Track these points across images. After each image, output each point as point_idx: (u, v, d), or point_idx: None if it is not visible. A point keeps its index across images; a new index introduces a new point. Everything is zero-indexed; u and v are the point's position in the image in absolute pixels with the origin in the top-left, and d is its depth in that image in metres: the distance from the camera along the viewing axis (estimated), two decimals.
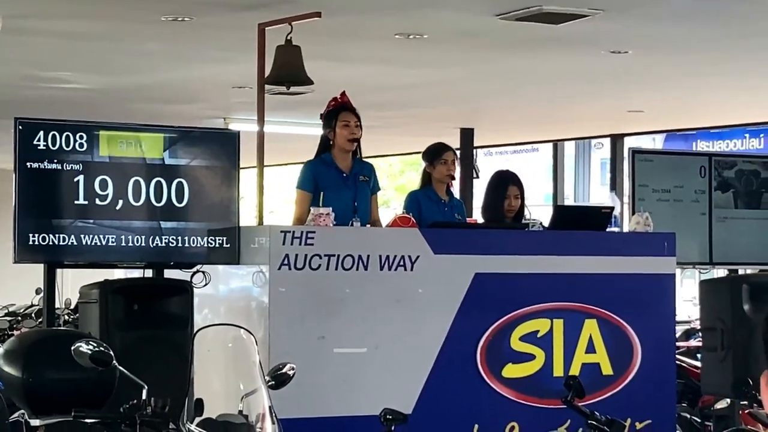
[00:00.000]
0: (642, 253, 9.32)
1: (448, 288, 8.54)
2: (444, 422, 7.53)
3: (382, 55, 13.19)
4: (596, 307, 8.94)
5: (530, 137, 23.62)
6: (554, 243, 9.30)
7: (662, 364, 9.18)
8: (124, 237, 8.29)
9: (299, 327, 8.07)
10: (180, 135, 8.76)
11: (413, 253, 8.47)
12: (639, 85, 15.53)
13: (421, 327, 8.43)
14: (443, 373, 8.39)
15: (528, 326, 8.73)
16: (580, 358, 8.81)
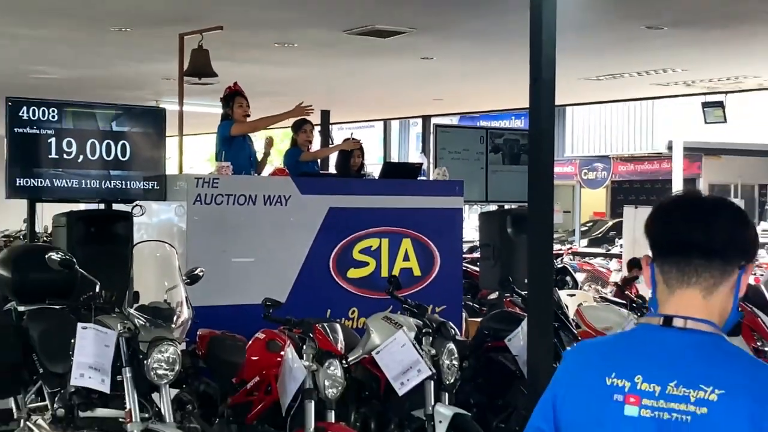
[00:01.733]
0: (441, 194, 9.39)
1: (310, 217, 8.55)
2: (306, 308, 7.50)
3: (265, 58, 13.13)
4: (410, 230, 9.00)
5: (368, 116, 23.79)
6: (382, 187, 9.38)
7: (453, 269, 9.30)
8: (84, 181, 8.23)
9: (207, 244, 8.04)
10: (124, 111, 8.74)
11: (286, 193, 8.45)
12: (440, 81, 15.61)
13: (292, 244, 8.45)
14: (307, 275, 8.43)
15: (364, 243, 8.77)
16: (399, 265, 8.88)
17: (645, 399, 2.25)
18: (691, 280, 2.32)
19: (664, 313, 2.34)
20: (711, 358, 2.26)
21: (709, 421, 2.18)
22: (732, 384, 2.21)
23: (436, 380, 6.86)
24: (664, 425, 2.22)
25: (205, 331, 7.18)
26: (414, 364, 6.73)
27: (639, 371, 2.28)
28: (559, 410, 2.38)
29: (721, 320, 2.34)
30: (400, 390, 6.73)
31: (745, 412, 2.18)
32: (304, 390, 6.31)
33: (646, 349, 2.32)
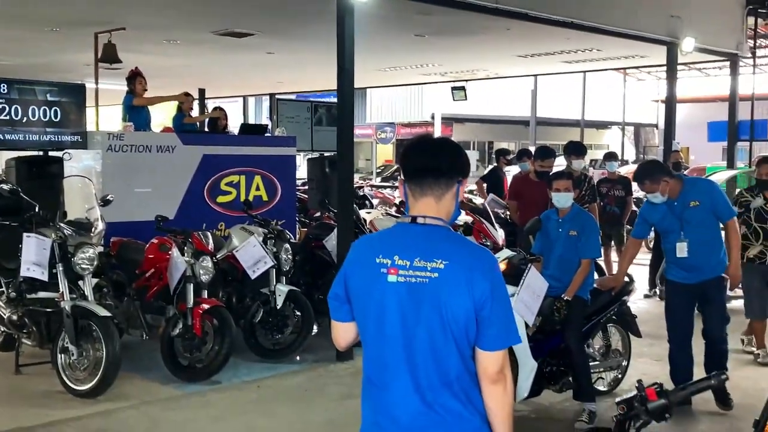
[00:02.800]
0: (280, 145, 9.25)
1: (190, 161, 8.26)
2: (188, 223, 7.33)
3: (156, 51, 12.52)
4: (260, 169, 8.83)
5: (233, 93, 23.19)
6: (240, 141, 9.17)
7: (289, 196, 9.19)
8: (28, 136, 7.70)
9: (117, 179, 7.68)
10: (56, 86, 8.17)
11: (173, 144, 8.18)
12: (280, 69, 15.37)
13: (178, 179, 8.17)
14: (188, 200, 8.18)
15: (228, 179, 8.55)
16: (252, 193, 8.70)
17: (400, 270, 2.30)
18: (427, 192, 2.38)
19: (412, 215, 2.40)
20: (441, 241, 2.33)
21: (439, 280, 2.26)
22: (453, 256, 2.29)
23: (277, 268, 6.89)
24: (412, 286, 2.29)
25: (116, 239, 7.04)
26: (262, 258, 6.76)
27: (396, 252, 2.33)
28: (348, 280, 2.42)
29: (447, 217, 2.41)
30: (252, 275, 6.76)
31: (463, 273, 2.26)
32: (185, 277, 6.24)
33: (401, 238, 2.37)
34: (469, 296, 2.25)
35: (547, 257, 5.67)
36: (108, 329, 5.71)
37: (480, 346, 2.29)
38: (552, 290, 5.47)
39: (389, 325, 2.31)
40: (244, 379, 6.42)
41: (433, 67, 15.03)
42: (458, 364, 2.28)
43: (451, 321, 2.25)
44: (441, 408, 2.27)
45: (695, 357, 5.76)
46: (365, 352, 2.40)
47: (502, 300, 2.31)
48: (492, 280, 2.29)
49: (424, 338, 2.27)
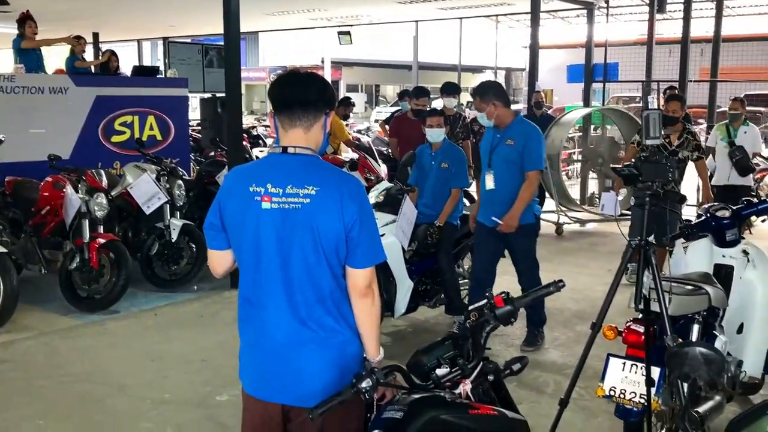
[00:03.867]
0: (173, 86, 8.90)
1: (83, 103, 7.85)
2: (84, 162, 7.00)
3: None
4: (153, 110, 8.51)
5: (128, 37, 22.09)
6: (133, 82, 8.77)
7: (183, 135, 8.90)
8: None
9: (9, 121, 7.20)
10: None
11: (66, 86, 7.74)
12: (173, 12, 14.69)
13: (72, 119, 7.76)
14: (83, 140, 7.80)
15: (122, 119, 8.21)
16: (147, 133, 8.40)
17: (274, 197, 2.27)
18: (296, 123, 2.33)
19: (282, 145, 2.36)
20: (311, 169, 2.31)
21: (311, 206, 2.25)
22: (323, 183, 2.27)
23: (171, 204, 6.74)
24: (285, 212, 2.26)
25: (11, 178, 6.68)
26: (155, 194, 6.60)
27: (269, 181, 2.29)
28: (223, 209, 2.36)
29: (316, 146, 2.38)
30: (147, 211, 6.61)
31: (333, 198, 2.25)
32: (81, 213, 6.01)
33: (273, 167, 2.33)
34: (340, 219, 2.25)
35: (421, 188, 5.75)
36: (4, 265, 5.45)
37: (350, 264, 2.31)
38: (426, 217, 5.59)
39: (265, 249, 2.29)
40: (142, 308, 6.30)
41: (320, 12, 14.75)
42: (330, 281, 2.30)
43: (323, 242, 2.26)
44: (314, 323, 2.29)
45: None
46: (242, 277, 2.38)
47: (369, 222, 2.32)
48: (360, 204, 2.30)
49: (299, 259, 2.27)
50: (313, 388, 2.27)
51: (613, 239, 9.04)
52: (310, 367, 2.29)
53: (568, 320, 5.99)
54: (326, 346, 2.29)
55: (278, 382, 2.31)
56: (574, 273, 7.49)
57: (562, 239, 9.46)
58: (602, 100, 13.68)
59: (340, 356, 2.31)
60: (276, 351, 2.30)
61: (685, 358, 1.96)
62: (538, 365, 4.96)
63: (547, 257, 8.29)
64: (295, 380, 2.29)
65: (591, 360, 3.57)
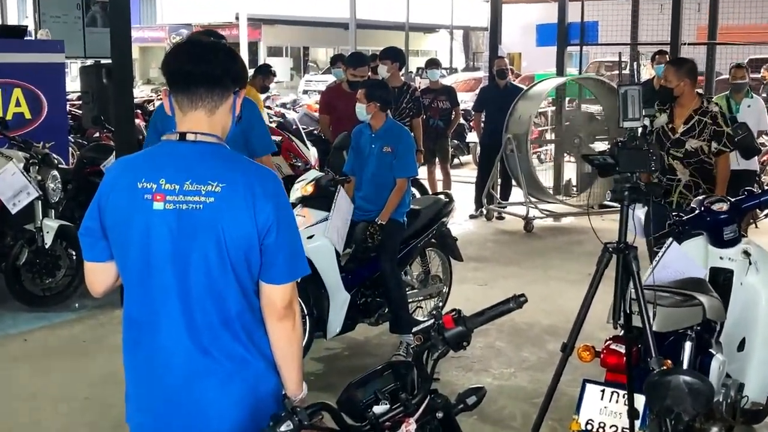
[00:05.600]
0: (45, 51, 8.72)
1: None
2: None
3: None
4: (20, 81, 8.32)
5: None
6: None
7: (59, 112, 8.75)
8: None
9: None
10: None
11: None
12: None
13: None
14: None
15: None
16: (11, 110, 8.23)
17: (168, 196, 2.25)
18: (198, 104, 2.32)
19: (180, 131, 2.33)
20: (215, 162, 2.30)
21: (216, 206, 2.24)
22: (231, 179, 2.27)
23: (43, 200, 6.63)
24: (183, 214, 2.25)
25: None
26: (23, 188, 6.50)
27: (162, 175, 2.27)
28: (103, 210, 2.34)
29: (223, 133, 2.38)
30: (12, 209, 6.50)
31: (243, 197, 2.25)
32: None
33: (168, 159, 2.31)
34: (252, 223, 2.24)
35: (359, 177, 5.76)
36: None
37: (265, 279, 2.30)
38: (365, 213, 5.61)
39: (157, 259, 2.27)
40: (8, 332, 6.19)
41: None
42: (239, 300, 2.29)
43: (231, 252, 2.25)
44: (219, 352, 2.28)
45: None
46: (128, 294, 2.36)
47: (289, 226, 2.33)
48: (276, 203, 2.29)
49: (200, 272, 2.26)
50: (219, 431, 2.26)
51: (594, 237, 9.19)
52: (215, 405, 2.28)
53: (538, 337, 6.09)
54: (235, 379, 2.29)
55: (177, 425, 2.30)
56: (546, 278, 7.62)
57: (532, 237, 9.60)
58: (579, 68, 13.90)
59: (253, 393, 2.30)
60: (172, 385, 2.29)
61: (667, 388, 2.00)
62: (502, 393, 5.03)
63: (514, 259, 8.45)
64: (198, 422, 2.28)
65: (564, 386, 3.64)
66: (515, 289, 2.47)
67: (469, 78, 27.27)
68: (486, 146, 10.43)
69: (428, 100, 10.13)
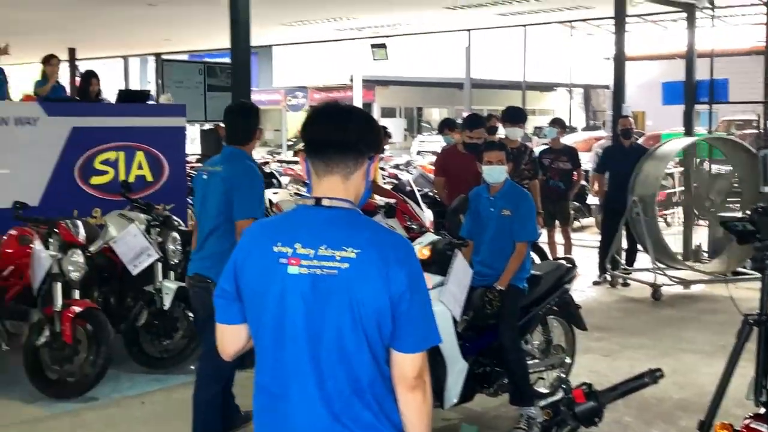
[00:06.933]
0: (167, 115, 9.09)
1: (56, 135, 8.04)
2: (57, 210, 7.17)
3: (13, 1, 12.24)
4: (143, 144, 8.68)
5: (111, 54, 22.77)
6: (118, 110, 9.00)
7: (179, 175, 9.05)
8: None
9: None
10: None
11: (35, 115, 7.95)
12: (166, 25, 15.12)
13: (41, 157, 7.94)
14: (55, 182, 7.95)
15: (104, 156, 8.36)
16: (134, 173, 8.53)
17: (303, 260, 2.31)
18: (333, 170, 2.39)
19: (315, 196, 2.40)
20: (349, 227, 2.35)
21: (350, 272, 2.28)
22: (365, 244, 2.31)
23: (163, 262, 6.82)
24: (317, 278, 2.29)
25: None
26: (144, 250, 6.69)
27: (298, 240, 2.33)
28: (239, 273, 2.40)
29: (356, 199, 2.43)
30: (133, 271, 6.70)
31: (377, 264, 2.28)
32: (51, 274, 6.14)
33: (303, 223, 2.38)
34: (385, 289, 2.27)
35: (477, 241, 5.75)
36: None
37: (396, 347, 2.32)
38: (483, 279, 5.57)
39: (290, 324, 2.32)
40: (126, 394, 6.35)
41: (348, 21, 15.02)
42: (371, 368, 2.31)
43: (364, 319, 2.28)
44: (350, 420, 2.30)
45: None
46: (260, 358, 2.41)
47: (421, 294, 2.35)
48: (409, 271, 2.32)
49: (332, 339, 2.29)
50: None
51: (729, 306, 8.89)
52: None
53: (670, 413, 5.88)
54: None
55: None
56: (677, 350, 7.38)
57: (660, 305, 9.36)
58: (709, 126, 13.58)
59: None
60: None
61: None
62: None
63: (642, 329, 8.22)
64: None
65: None
66: (643, 360, 2.42)
67: (589, 137, 26.99)
68: (609, 209, 10.26)
69: (548, 160, 10.08)
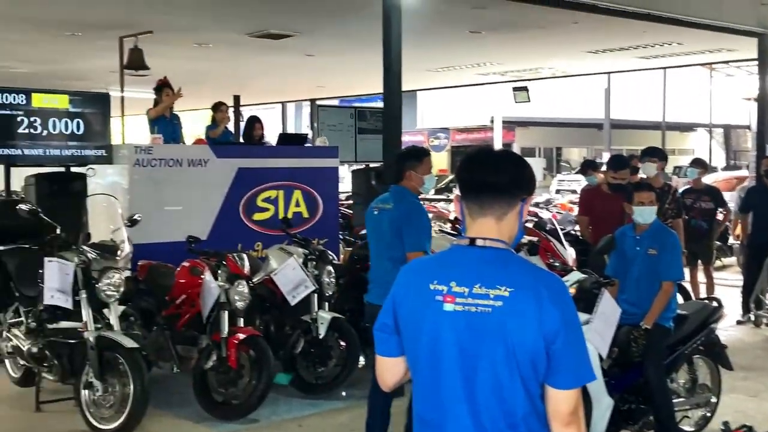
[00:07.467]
0: (322, 156, 9.30)
1: (224, 175, 8.37)
2: (223, 243, 7.45)
3: (186, 55, 12.87)
4: (300, 183, 8.89)
5: (270, 100, 23.55)
6: (278, 152, 9.25)
7: (332, 212, 9.24)
8: (48, 150, 7.97)
9: (145, 196, 7.83)
10: (78, 95, 8.43)
11: (205, 157, 8.31)
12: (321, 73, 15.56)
13: (210, 195, 8.28)
14: (222, 218, 8.28)
15: (265, 194, 8.64)
16: (292, 209, 8.76)
17: (458, 298, 2.29)
18: (487, 211, 2.37)
19: (469, 236, 2.39)
20: (503, 266, 2.32)
21: (504, 310, 2.25)
22: (519, 283, 2.27)
23: (319, 293, 6.91)
24: (472, 316, 2.28)
25: (144, 262, 7.15)
26: (302, 282, 6.80)
27: (453, 278, 2.32)
28: (398, 309, 2.42)
29: (510, 239, 2.40)
30: (292, 301, 6.80)
31: (530, 302, 2.24)
32: (219, 303, 6.31)
33: (458, 262, 2.37)
34: (539, 328, 2.23)
35: (622, 280, 5.60)
36: (135, 362, 5.76)
37: (551, 383, 2.27)
38: (629, 317, 5.41)
39: (446, 359, 2.31)
40: (284, 417, 6.45)
41: (492, 66, 15.05)
42: (525, 403, 2.27)
43: (518, 356, 2.24)
44: None
45: None
46: (416, 390, 2.40)
47: (575, 332, 2.29)
48: (563, 309, 2.28)
49: (487, 374, 2.26)
50: None
51: None
52: None
53: None
54: None
55: None
56: None
57: None
58: None
59: None
60: None
61: None
62: None
63: None
64: None
65: None
66: None
67: (729, 177, 25.91)
68: (754, 248, 9.79)
69: (690, 200, 9.73)
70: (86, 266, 5.99)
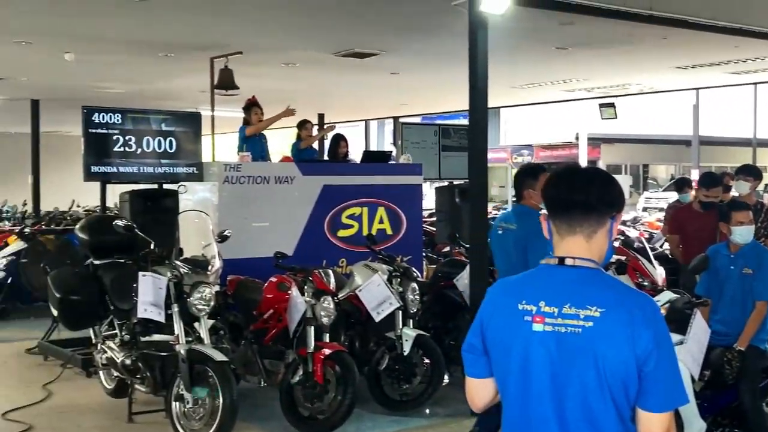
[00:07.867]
0: (406, 174, 9.29)
1: (309, 192, 8.46)
2: (308, 259, 7.51)
3: (274, 74, 13.09)
4: (383, 200, 8.91)
5: (353, 117, 23.79)
6: (363, 169, 9.28)
7: (416, 229, 9.21)
8: (141, 168, 8.25)
9: (234, 212, 7.96)
10: (170, 115, 8.71)
11: (292, 174, 8.41)
12: (405, 90, 15.63)
13: (296, 212, 8.38)
14: (307, 234, 8.36)
15: (350, 211, 8.68)
16: (375, 226, 8.79)
17: (547, 318, 2.27)
18: (576, 230, 2.34)
19: (558, 255, 2.36)
20: (594, 286, 2.29)
21: (594, 331, 2.21)
22: (610, 303, 2.23)
23: (403, 310, 6.91)
24: (562, 337, 2.25)
25: (233, 277, 7.25)
26: (387, 299, 6.81)
27: (542, 298, 2.29)
28: (486, 329, 2.39)
29: (600, 258, 2.36)
30: (376, 318, 6.82)
31: (622, 323, 2.20)
32: (306, 318, 6.37)
33: (547, 282, 2.33)
34: (631, 349, 2.19)
35: (715, 300, 5.47)
36: (225, 375, 5.84)
37: (643, 406, 2.22)
38: (722, 338, 5.28)
39: (535, 380, 2.28)
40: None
41: (578, 83, 14.87)
42: (617, 426, 2.23)
43: (609, 377, 2.20)
44: None
45: None
46: (506, 412, 2.38)
47: (668, 354, 2.24)
48: (656, 330, 2.22)
49: (577, 396, 2.23)
50: None
51: None
52: None
53: None
54: None
55: None
56: None
57: None
58: None
59: None
60: None
61: None
62: None
63: None
64: None
65: None
66: None
67: None
68: None
69: None
70: (178, 281, 6.12)
